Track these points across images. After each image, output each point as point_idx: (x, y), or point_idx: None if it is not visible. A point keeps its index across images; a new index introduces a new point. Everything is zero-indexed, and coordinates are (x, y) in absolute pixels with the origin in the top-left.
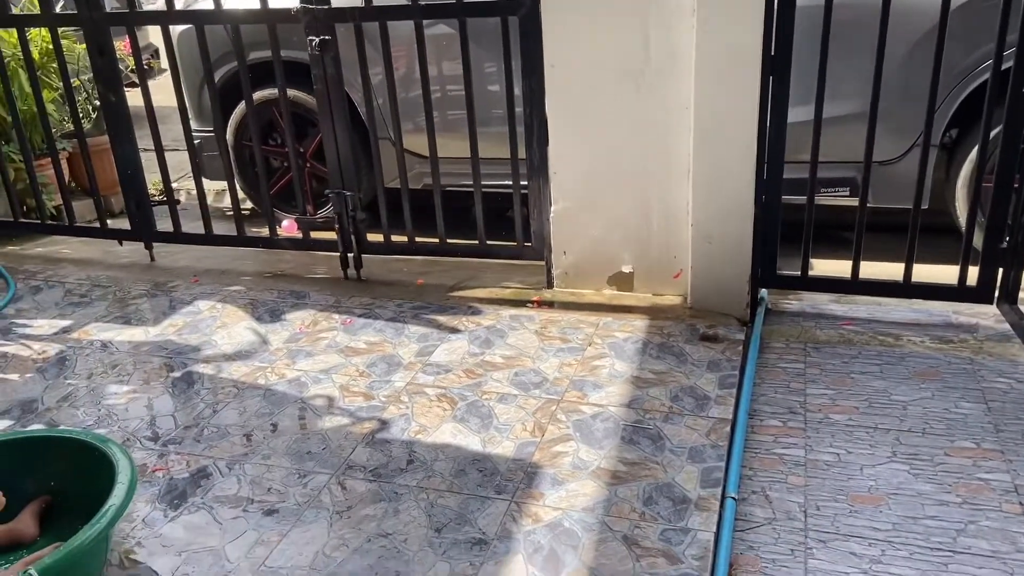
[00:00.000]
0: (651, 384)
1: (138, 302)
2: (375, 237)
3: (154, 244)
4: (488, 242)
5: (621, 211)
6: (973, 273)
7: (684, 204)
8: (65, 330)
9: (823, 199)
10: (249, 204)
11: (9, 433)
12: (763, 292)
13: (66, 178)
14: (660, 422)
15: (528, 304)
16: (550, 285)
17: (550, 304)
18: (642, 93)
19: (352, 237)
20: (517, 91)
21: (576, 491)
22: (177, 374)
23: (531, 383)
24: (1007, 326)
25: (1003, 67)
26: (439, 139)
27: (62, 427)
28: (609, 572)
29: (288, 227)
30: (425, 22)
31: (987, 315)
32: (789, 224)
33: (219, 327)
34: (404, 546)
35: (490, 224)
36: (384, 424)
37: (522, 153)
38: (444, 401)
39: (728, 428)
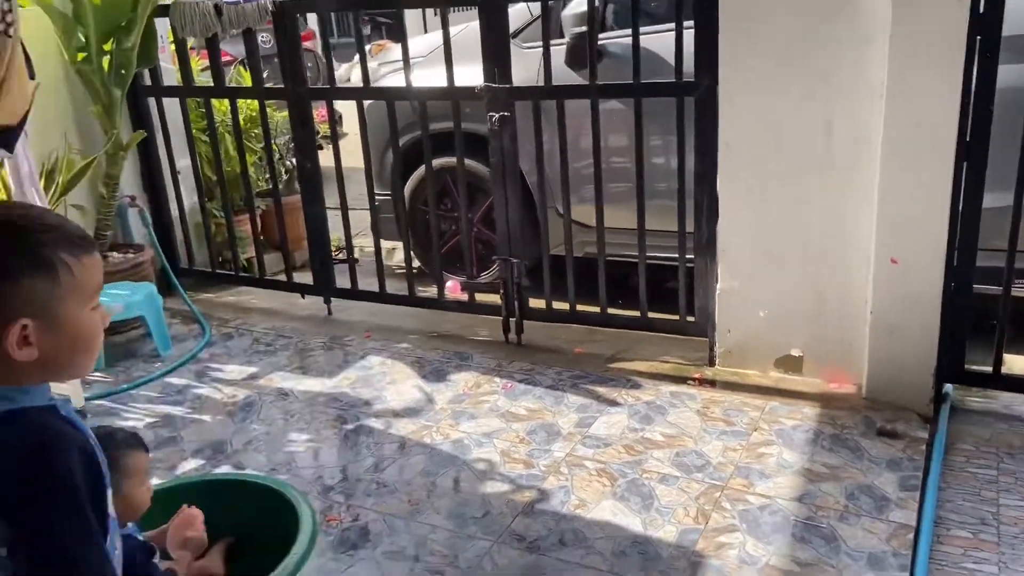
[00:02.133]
0: (823, 478)
1: (316, 354)
2: (536, 303)
3: (332, 299)
4: (649, 315)
5: (792, 293)
6: None
7: (862, 290)
8: (252, 376)
9: (1021, 290)
10: (415, 263)
11: (203, 476)
12: (948, 388)
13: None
14: (835, 521)
15: (689, 381)
16: (712, 363)
17: (711, 383)
18: (821, 176)
19: (515, 302)
20: (687, 166)
21: None
22: (350, 427)
23: (693, 465)
24: None
25: None
26: (604, 210)
27: (248, 471)
28: None
29: (452, 287)
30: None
31: None
32: (980, 315)
33: (389, 383)
34: None
35: (650, 296)
36: (544, 494)
37: (690, 228)
38: (604, 476)
39: (911, 535)
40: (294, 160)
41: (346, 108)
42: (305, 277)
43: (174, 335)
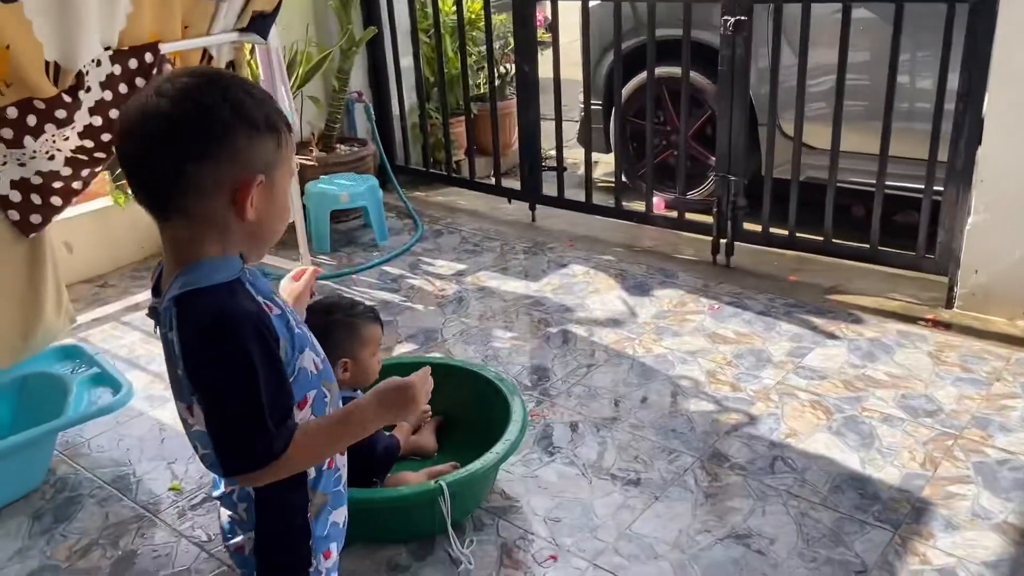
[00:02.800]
0: None
1: (520, 258)
2: (750, 226)
3: (537, 206)
4: (879, 247)
5: None
6: None
7: None
8: (460, 273)
9: None
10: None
11: (420, 357)
12: None
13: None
14: None
15: (920, 322)
16: (949, 305)
17: (947, 326)
18: None
19: (729, 222)
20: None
21: (975, 541)
22: (553, 330)
23: (922, 409)
24: None
25: None
26: (840, 131)
27: (459, 359)
28: None
29: (657, 204)
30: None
31: None
32: None
33: (591, 292)
34: (770, 549)
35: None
36: (752, 419)
37: (942, 155)
38: (818, 409)
39: None
40: (509, 65)
41: (565, 15)
42: (512, 183)
43: (390, 228)
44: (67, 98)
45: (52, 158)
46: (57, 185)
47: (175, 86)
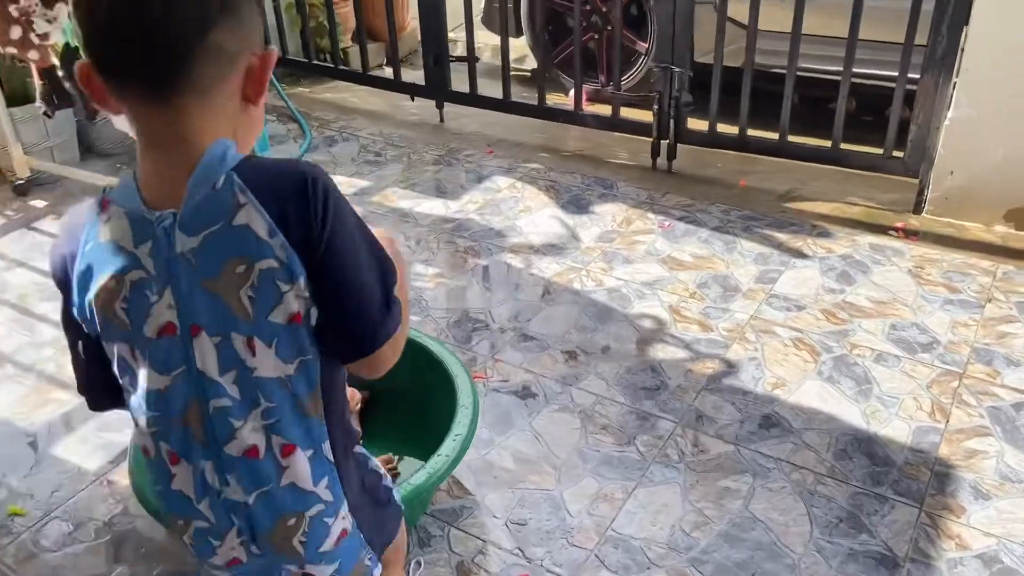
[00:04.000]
0: None
1: (433, 169)
2: (695, 124)
3: (446, 104)
4: (842, 146)
5: None
6: None
7: None
8: (364, 192)
9: None
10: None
11: None
12: None
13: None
14: None
15: (891, 232)
16: (918, 210)
17: (919, 235)
18: None
19: (671, 121)
20: None
21: (1011, 514)
22: (483, 261)
23: (916, 343)
24: None
25: None
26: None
27: None
28: None
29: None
30: None
31: None
32: None
33: (522, 211)
34: (782, 542)
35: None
36: (730, 367)
37: (920, 39)
38: (802, 348)
39: None
40: None
41: None
42: (413, 76)
43: (271, 135)
44: None
45: None
46: None
47: None
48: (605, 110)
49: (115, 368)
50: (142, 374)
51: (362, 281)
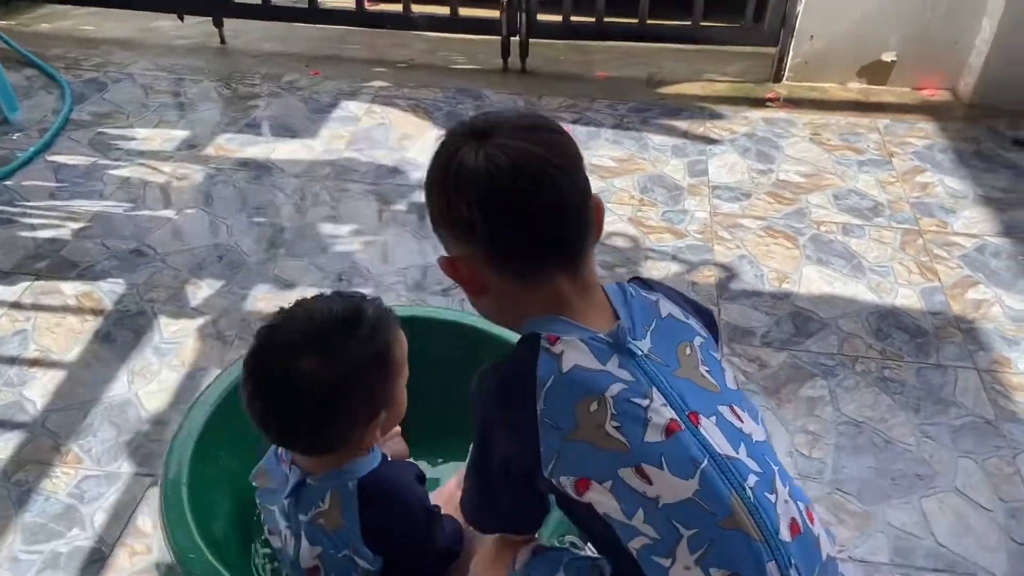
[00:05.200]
0: (1012, 205)
1: (262, 103)
2: (544, 17)
3: (225, 20)
4: (702, 23)
5: None
6: None
7: None
8: (189, 145)
9: None
10: None
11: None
12: None
13: None
14: None
15: (768, 103)
16: (778, 78)
17: (792, 102)
18: None
19: (523, 16)
20: None
21: None
22: (401, 206)
23: (865, 209)
24: None
25: None
26: None
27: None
28: None
29: None
30: None
31: None
32: None
33: (402, 139)
34: (894, 438)
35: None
36: (727, 271)
37: None
38: (778, 236)
39: None
40: None
41: None
42: None
43: (13, 86)
44: None
45: None
46: None
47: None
48: (440, 10)
49: (614, 521)
50: (661, 487)
51: None
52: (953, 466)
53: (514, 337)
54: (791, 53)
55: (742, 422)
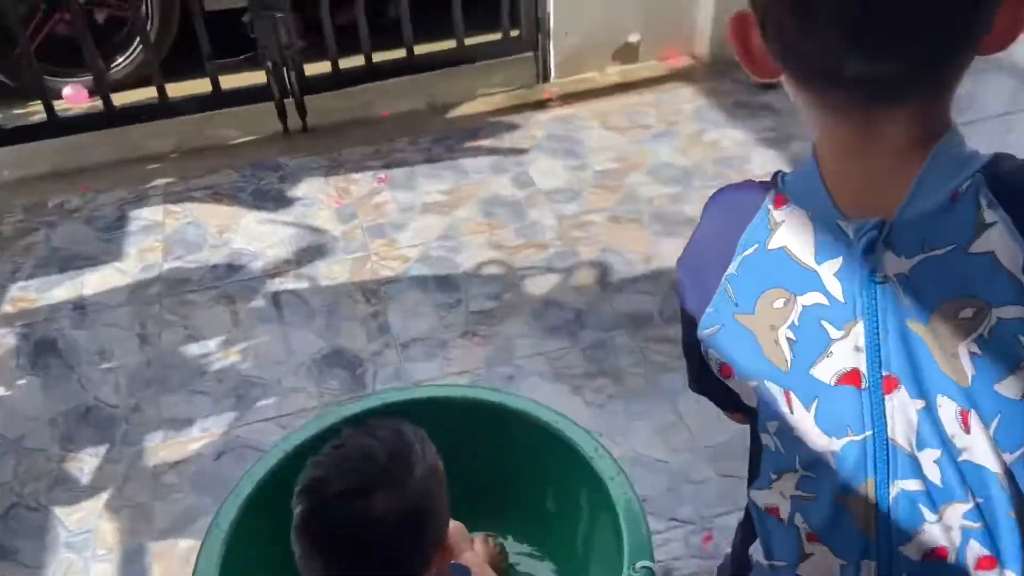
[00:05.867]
0: (786, 139)
1: (40, 237)
2: (313, 68)
3: None
4: (466, 43)
5: None
6: None
7: None
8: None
9: None
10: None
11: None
12: None
13: None
14: None
15: (549, 104)
16: (547, 78)
17: (567, 97)
18: None
19: (292, 75)
20: None
21: None
22: (258, 302)
23: (679, 176)
24: None
25: None
26: None
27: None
28: None
29: (74, 96)
30: None
31: None
32: None
33: (220, 232)
34: None
35: (423, 24)
36: (600, 266)
37: None
38: (624, 222)
39: None
40: None
41: None
42: None
43: None
44: None
45: None
46: None
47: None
48: (200, 86)
49: (756, 405)
50: (795, 423)
51: None
52: None
53: (517, 410)
54: (552, 53)
55: (967, 433)
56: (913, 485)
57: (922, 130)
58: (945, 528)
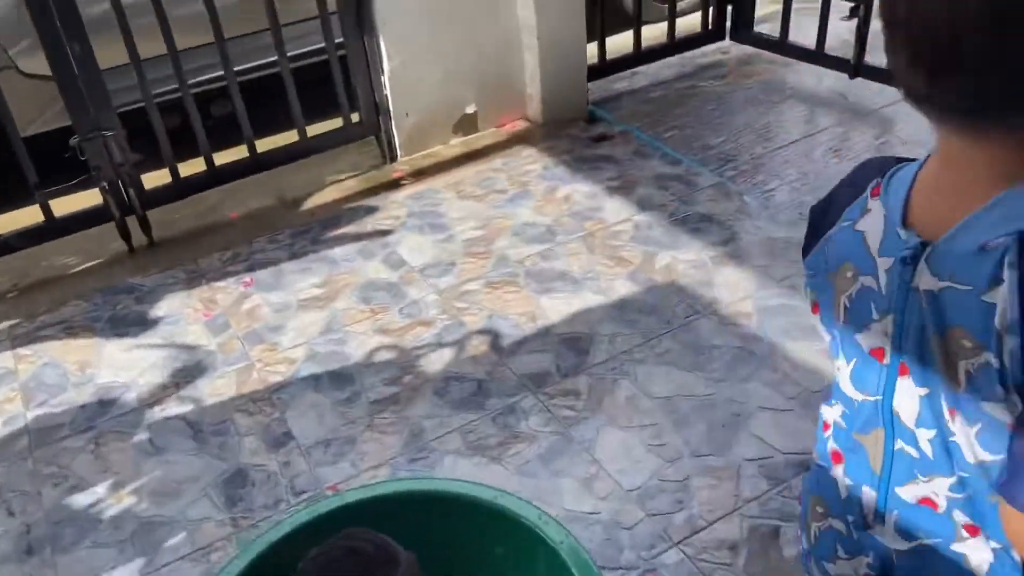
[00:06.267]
0: (629, 185)
1: None
2: (151, 180)
3: None
4: (308, 136)
5: (459, 48)
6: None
7: (526, 19)
8: None
9: None
10: None
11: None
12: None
13: None
14: (687, 202)
15: (402, 182)
16: (393, 158)
17: (417, 174)
18: None
19: (132, 192)
20: None
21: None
22: (140, 435)
23: (544, 234)
24: (747, 48)
25: None
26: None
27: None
28: None
29: None
30: None
31: (727, 48)
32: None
33: (82, 368)
34: (697, 392)
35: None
36: (490, 333)
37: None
38: (501, 286)
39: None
40: None
41: None
42: None
43: None
44: None
45: None
46: None
47: None
48: (29, 215)
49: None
50: (842, 368)
51: None
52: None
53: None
54: (395, 133)
55: (952, 423)
56: (910, 450)
57: (997, 172)
58: (934, 491)
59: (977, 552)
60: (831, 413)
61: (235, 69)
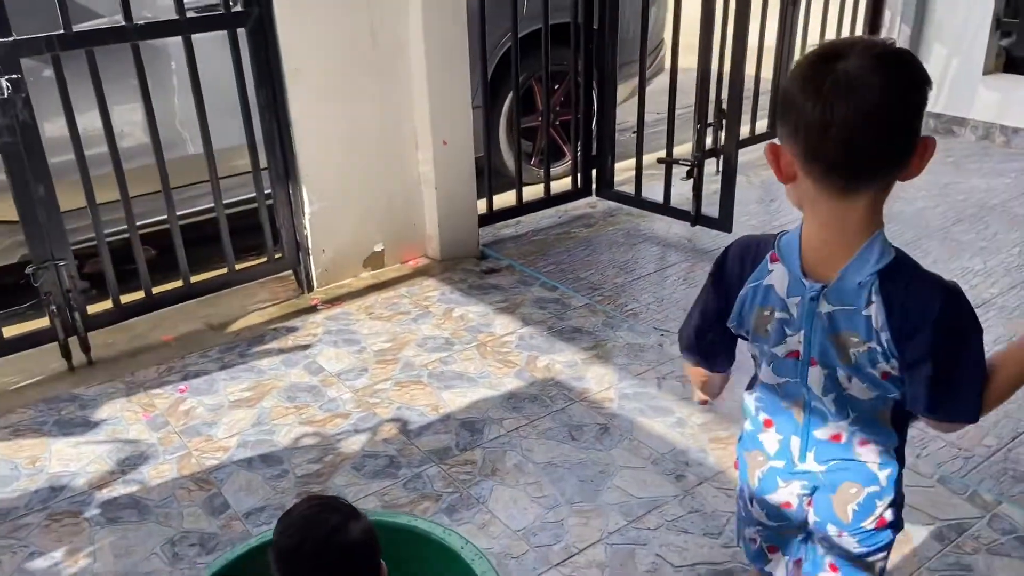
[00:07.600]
0: (514, 306)
1: None
2: (95, 307)
3: None
4: (236, 268)
5: (369, 195)
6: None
7: (425, 173)
8: None
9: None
10: None
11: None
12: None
13: None
14: (563, 318)
15: (318, 308)
16: (310, 288)
17: (332, 302)
18: (378, 82)
19: (77, 315)
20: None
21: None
22: (93, 510)
23: (443, 345)
24: (610, 203)
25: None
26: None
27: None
28: None
29: None
30: None
31: (594, 203)
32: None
33: (32, 462)
34: (575, 460)
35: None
36: (399, 421)
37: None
38: (409, 384)
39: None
40: None
41: None
42: None
43: None
44: None
45: None
46: None
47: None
48: None
49: (753, 354)
50: (763, 371)
51: (937, 382)
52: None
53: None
54: (313, 267)
55: (849, 384)
56: (820, 407)
57: (862, 225)
58: (838, 429)
59: (869, 456)
60: (750, 398)
61: (177, 213)
